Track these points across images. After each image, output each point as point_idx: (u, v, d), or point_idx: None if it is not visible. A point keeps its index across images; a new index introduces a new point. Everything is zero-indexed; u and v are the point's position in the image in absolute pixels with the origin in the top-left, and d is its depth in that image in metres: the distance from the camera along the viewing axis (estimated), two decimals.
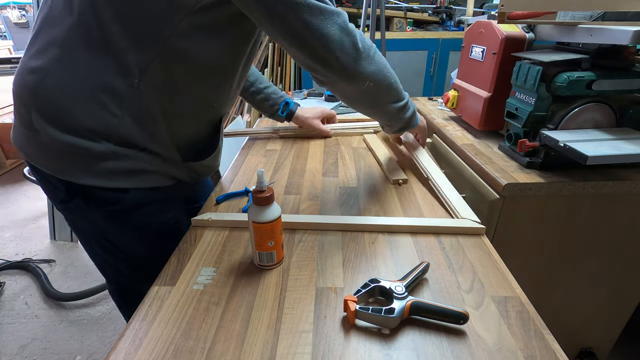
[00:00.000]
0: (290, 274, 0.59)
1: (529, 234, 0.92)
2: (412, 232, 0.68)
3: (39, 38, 0.63)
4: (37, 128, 0.63)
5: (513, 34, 0.98)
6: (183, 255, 0.64)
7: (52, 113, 0.62)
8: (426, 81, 2.70)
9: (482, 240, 0.66)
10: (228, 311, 0.52)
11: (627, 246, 0.94)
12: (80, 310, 1.59)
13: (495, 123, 1.09)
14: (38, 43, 0.63)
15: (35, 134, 0.64)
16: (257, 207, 0.56)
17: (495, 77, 1.03)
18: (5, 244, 2.04)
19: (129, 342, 0.47)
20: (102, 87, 0.61)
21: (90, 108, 0.62)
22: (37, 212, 2.33)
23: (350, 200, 0.80)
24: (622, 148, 0.77)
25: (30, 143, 0.67)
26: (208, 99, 0.72)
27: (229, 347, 0.46)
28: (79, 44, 0.59)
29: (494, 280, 0.57)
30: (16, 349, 1.41)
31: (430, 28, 2.71)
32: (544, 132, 0.85)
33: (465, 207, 0.73)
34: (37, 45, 0.63)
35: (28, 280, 1.77)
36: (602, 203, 0.88)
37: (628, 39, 0.70)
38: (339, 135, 1.18)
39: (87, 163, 0.64)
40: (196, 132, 0.76)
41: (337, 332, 0.48)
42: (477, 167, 0.97)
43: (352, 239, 0.67)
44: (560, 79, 0.82)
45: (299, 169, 0.95)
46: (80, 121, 0.62)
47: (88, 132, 0.63)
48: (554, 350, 0.45)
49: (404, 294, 0.50)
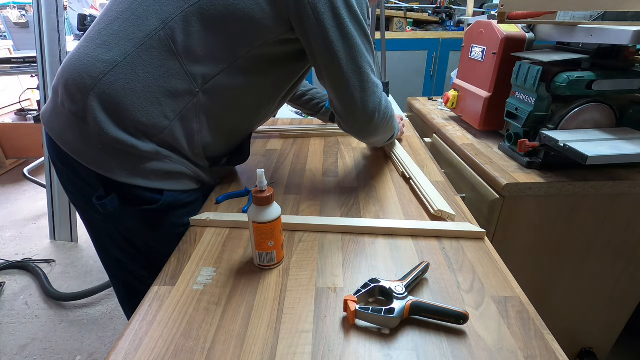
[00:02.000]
0: (290, 274, 0.59)
1: (529, 233, 0.92)
2: (413, 235, 0.68)
3: (110, 29, 0.64)
4: (90, 117, 0.63)
5: (513, 34, 0.98)
6: (183, 255, 0.64)
7: (110, 105, 0.63)
8: (426, 81, 2.71)
9: (483, 242, 0.66)
10: (228, 311, 0.52)
11: (627, 246, 0.94)
12: (80, 310, 1.59)
13: (495, 123, 1.09)
14: (109, 35, 0.64)
15: (83, 123, 0.64)
16: (257, 207, 0.56)
17: (495, 77, 1.03)
18: (5, 244, 2.04)
19: (129, 342, 0.47)
20: (165, 89, 0.64)
21: (147, 107, 0.64)
22: (37, 212, 2.33)
23: (350, 200, 0.80)
24: (622, 148, 0.77)
25: (74, 132, 0.65)
26: (251, 116, 0.78)
27: (229, 347, 0.46)
28: (158, 45, 0.62)
29: (494, 280, 0.57)
30: (16, 349, 1.41)
31: (430, 28, 2.71)
32: (544, 132, 0.85)
33: (441, 201, 0.75)
34: (107, 37, 0.64)
35: (28, 280, 1.77)
36: (602, 203, 0.88)
37: (628, 39, 0.70)
38: (339, 135, 1.18)
39: (130, 161, 0.65)
40: (228, 143, 0.80)
41: (337, 332, 0.48)
42: (477, 167, 0.97)
43: (352, 239, 0.67)
44: (560, 79, 0.82)
45: (299, 169, 0.95)
46: (134, 118, 0.63)
47: (138, 131, 0.65)
48: (554, 350, 0.45)
49: (404, 294, 0.50)
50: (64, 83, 0.65)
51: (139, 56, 0.62)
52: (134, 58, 0.62)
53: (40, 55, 1.81)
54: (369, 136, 0.80)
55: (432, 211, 0.73)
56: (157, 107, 0.64)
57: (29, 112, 2.82)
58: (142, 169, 0.66)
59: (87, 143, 0.65)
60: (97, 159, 0.65)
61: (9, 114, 2.91)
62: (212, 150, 0.75)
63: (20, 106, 2.87)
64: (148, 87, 0.63)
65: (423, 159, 0.99)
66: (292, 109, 1.54)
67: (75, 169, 0.68)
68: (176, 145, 0.69)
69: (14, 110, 2.90)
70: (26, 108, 2.91)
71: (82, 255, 1.93)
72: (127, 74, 0.62)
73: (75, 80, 0.63)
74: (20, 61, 2.31)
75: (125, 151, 0.64)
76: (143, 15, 0.63)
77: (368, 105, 0.70)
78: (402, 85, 2.68)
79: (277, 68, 0.73)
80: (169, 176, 0.70)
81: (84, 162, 0.66)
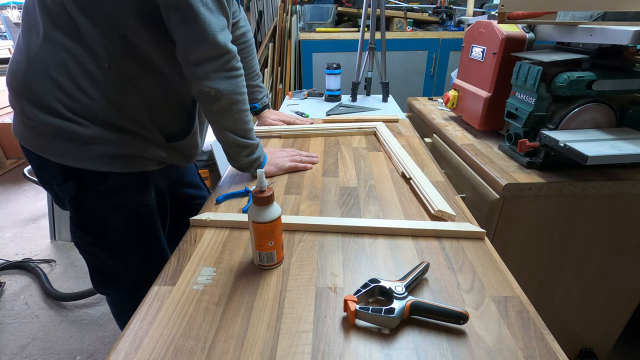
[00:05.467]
0: (290, 274, 0.59)
1: (529, 233, 0.92)
2: (413, 235, 0.68)
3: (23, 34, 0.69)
4: (29, 115, 0.68)
5: (513, 34, 0.98)
6: (183, 255, 0.64)
7: (39, 99, 0.67)
8: (426, 81, 2.71)
9: (483, 242, 0.66)
10: (228, 311, 0.52)
11: (627, 246, 0.94)
12: (80, 310, 1.59)
13: (495, 123, 1.09)
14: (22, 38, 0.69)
15: (29, 121, 0.69)
16: (257, 207, 0.56)
17: (495, 77, 1.03)
18: (5, 244, 2.04)
19: (129, 342, 0.47)
20: (80, 72, 0.67)
21: (72, 93, 0.68)
22: (37, 212, 2.33)
23: (350, 201, 0.80)
24: (622, 148, 0.77)
25: (27, 129, 0.71)
26: (171, 82, 0.77)
27: (229, 347, 0.46)
28: (56, 34, 0.65)
29: (494, 280, 0.57)
30: (16, 349, 1.41)
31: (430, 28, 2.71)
32: (544, 132, 0.85)
33: (441, 201, 0.75)
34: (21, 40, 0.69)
35: (28, 280, 1.77)
36: (602, 203, 0.88)
37: (628, 39, 0.70)
38: (339, 135, 1.18)
39: (76, 146, 0.70)
40: (173, 114, 0.81)
41: (337, 332, 0.48)
42: (477, 167, 0.97)
43: (352, 239, 0.67)
44: (560, 79, 0.82)
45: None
46: (65, 105, 0.68)
47: (75, 117, 0.69)
48: (554, 350, 0.45)
49: (404, 294, 0.50)
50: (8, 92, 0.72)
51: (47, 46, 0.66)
52: (43, 50, 0.66)
53: None
54: (215, 83, 0.72)
55: (432, 211, 0.73)
56: (81, 91, 0.68)
57: None
58: (88, 153, 0.71)
59: (39, 136, 0.70)
60: (50, 148, 0.71)
61: (9, 114, 2.91)
62: (159, 123, 0.77)
63: None
64: (65, 73, 0.67)
65: (423, 159, 0.99)
66: (292, 109, 1.54)
67: (41, 161, 0.73)
68: (118, 124, 0.72)
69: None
70: None
71: None
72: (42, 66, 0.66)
73: (10, 87, 0.70)
74: None
75: (70, 137, 0.69)
76: (33, 10, 0.67)
77: (217, 36, 0.67)
78: (402, 85, 2.68)
79: (158, 28, 0.69)
80: (116, 158, 0.74)
81: (42, 153, 0.72)
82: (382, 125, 1.20)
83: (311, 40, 2.53)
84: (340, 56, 2.55)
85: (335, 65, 1.62)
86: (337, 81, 1.65)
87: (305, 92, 1.80)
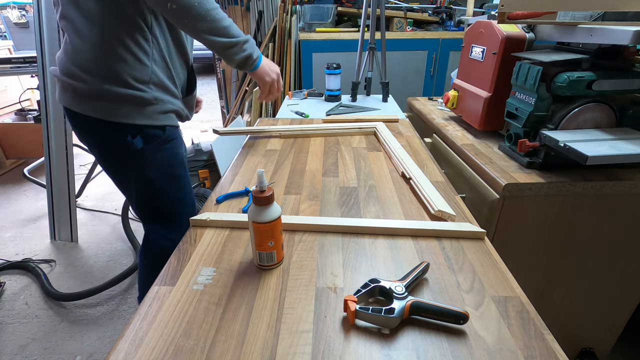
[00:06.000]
0: (290, 274, 0.59)
1: (529, 233, 0.92)
2: (413, 235, 0.68)
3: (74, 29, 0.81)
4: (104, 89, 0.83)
5: (513, 34, 0.98)
6: (183, 255, 0.64)
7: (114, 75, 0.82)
8: (426, 81, 2.70)
9: (483, 242, 0.66)
10: (228, 311, 0.52)
11: (627, 246, 0.94)
12: (80, 310, 1.59)
13: (495, 123, 1.09)
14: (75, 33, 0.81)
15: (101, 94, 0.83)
16: (257, 207, 0.56)
17: (495, 77, 1.03)
18: (5, 244, 2.04)
19: (129, 342, 0.47)
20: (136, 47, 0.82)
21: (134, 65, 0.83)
22: (37, 212, 2.33)
23: (350, 201, 0.80)
24: (622, 148, 0.77)
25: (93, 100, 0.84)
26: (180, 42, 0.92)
27: (229, 347, 0.46)
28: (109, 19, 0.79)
29: (494, 280, 0.57)
30: (16, 349, 1.41)
31: (430, 28, 2.71)
32: (544, 132, 0.85)
33: (441, 201, 0.75)
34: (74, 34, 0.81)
35: (28, 280, 1.77)
36: (602, 203, 0.88)
37: (628, 39, 0.70)
38: (339, 135, 1.18)
39: (141, 108, 0.87)
40: (182, 72, 0.97)
41: (337, 332, 0.48)
42: (477, 167, 0.97)
43: (352, 239, 0.67)
44: (560, 79, 0.82)
45: (299, 169, 0.95)
46: (132, 76, 0.83)
47: (138, 84, 0.85)
48: (554, 350, 0.45)
49: (404, 294, 0.50)
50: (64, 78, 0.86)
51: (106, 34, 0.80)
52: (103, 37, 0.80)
53: (40, 55, 1.81)
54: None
55: (432, 211, 0.73)
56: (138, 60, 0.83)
57: (29, 112, 2.82)
58: (149, 112, 0.88)
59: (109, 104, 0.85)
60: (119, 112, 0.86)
61: (9, 114, 2.91)
62: (179, 80, 0.94)
63: (21, 106, 2.87)
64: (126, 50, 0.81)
65: (423, 159, 0.99)
66: (292, 109, 1.54)
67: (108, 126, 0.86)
68: (165, 85, 0.89)
69: (14, 110, 2.91)
70: (26, 108, 2.91)
71: (82, 255, 1.93)
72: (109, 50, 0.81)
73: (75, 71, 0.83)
74: (20, 61, 2.31)
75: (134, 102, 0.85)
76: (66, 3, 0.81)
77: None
78: (402, 85, 2.68)
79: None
80: (166, 114, 0.92)
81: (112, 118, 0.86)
82: (382, 125, 1.20)
83: (311, 40, 2.53)
84: (340, 56, 2.55)
85: (335, 65, 1.62)
86: (337, 81, 1.65)
87: (305, 92, 1.80)
